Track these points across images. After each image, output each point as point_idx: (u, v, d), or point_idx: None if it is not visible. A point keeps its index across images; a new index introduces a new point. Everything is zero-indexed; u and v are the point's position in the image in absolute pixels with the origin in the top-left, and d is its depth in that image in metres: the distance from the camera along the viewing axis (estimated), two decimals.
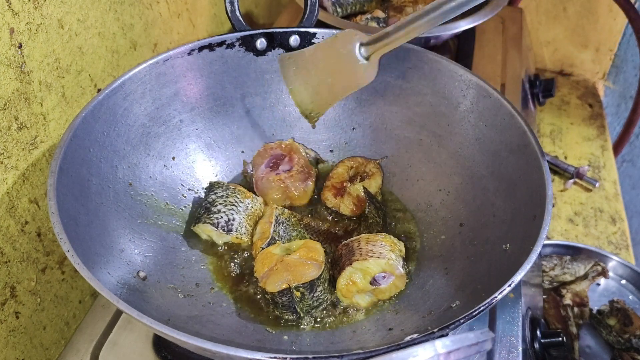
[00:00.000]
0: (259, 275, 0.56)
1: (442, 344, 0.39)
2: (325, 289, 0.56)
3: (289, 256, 0.56)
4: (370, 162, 0.71)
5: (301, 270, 0.54)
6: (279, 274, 0.54)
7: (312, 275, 0.54)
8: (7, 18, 0.53)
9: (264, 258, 0.57)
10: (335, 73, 0.65)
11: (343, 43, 0.64)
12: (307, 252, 0.56)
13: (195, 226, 0.62)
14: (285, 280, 0.53)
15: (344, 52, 0.64)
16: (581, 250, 0.91)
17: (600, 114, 1.31)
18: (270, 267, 0.55)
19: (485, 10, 0.93)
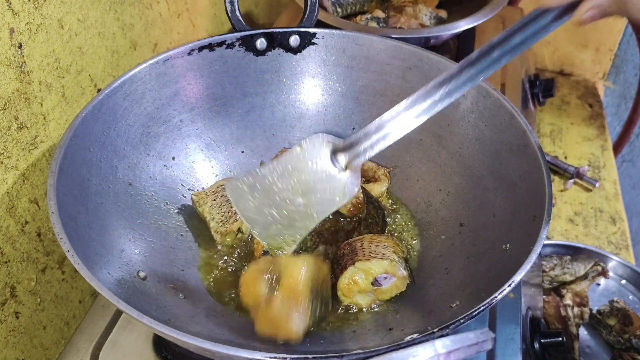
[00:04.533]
0: (247, 304, 0.53)
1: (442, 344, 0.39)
2: (318, 316, 0.54)
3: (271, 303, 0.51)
4: (381, 169, 0.71)
5: (286, 327, 0.50)
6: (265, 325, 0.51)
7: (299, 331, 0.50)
8: (7, 18, 0.53)
9: (250, 283, 0.53)
10: (308, 191, 0.53)
11: (311, 153, 0.53)
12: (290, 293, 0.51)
13: None
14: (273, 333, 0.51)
15: (315, 164, 0.53)
16: (581, 250, 0.91)
17: (600, 114, 1.31)
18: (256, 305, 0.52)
19: (485, 10, 0.93)
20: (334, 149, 0.53)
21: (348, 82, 0.74)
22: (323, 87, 0.74)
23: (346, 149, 0.52)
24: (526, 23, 0.48)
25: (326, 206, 0.53)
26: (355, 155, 0.52)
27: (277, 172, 0.54)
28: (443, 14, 1.02)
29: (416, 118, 0.50)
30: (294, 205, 0.54)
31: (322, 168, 0.53)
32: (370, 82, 0.73)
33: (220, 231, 0.63)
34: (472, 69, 0.49)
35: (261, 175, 0.54)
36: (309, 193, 0.53)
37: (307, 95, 0.75)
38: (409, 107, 0.50)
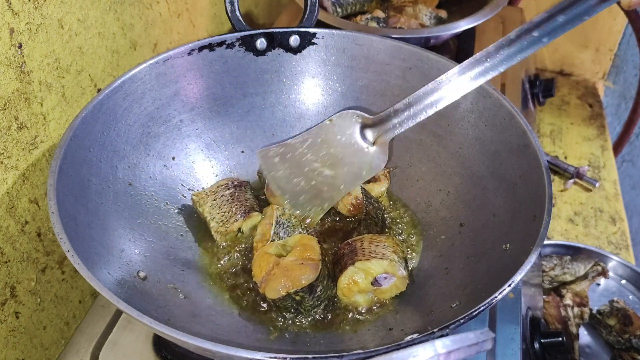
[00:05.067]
0: (258, 279, 0.56)
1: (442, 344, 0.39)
2: (325, 286, 0.56)
3: (285, 258, 0.55)
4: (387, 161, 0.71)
5: (298, 273, 0.53)
6: (277, 280, 0.53)
7: (309, 278, 0.53)
8: (7, 18, 0.53)
9: (261, 260, 0.57)
10: (336, 164, 0.54)
11: (340, 127, 0.55)
12: (302, 251, 0.55)
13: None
14: (283, 287, 0.53)
15: (344, 138, 0.54)
16: (581, 250, 0.91)
17: (600, 114, 1.31)
18: (268, 271, 0.55)
19: (485, 10, 0.93)
20: (363, 124, 0.54)
21: (348, 82, 0.74)
22: (323, 87, 0.74)
23: (375, 125, 0.53)
24: (572, 3, 0.46)
25: (353, 179, 0.54)
26: (384, 131, 0.53)
27: (307, 143, 0.56)
28: (443, 14, 1.02)
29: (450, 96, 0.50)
30: (322, 176, 0.56)
31: (350, 142, 0.54)
32: (370, 82, 0.73)
33: (220, 231, 0.63)
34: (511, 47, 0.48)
35: (292, 145, 0.56)
36: (337, 165, 0.54)
37: (307, 95, 0.75)
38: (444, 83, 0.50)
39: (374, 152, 0.54)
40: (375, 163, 0.54)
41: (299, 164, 0.55)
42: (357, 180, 0.55)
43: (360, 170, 0.54)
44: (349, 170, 0.54)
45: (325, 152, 0.55)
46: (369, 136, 0.54)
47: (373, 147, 0.54)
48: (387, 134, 0.53)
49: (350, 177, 0.55)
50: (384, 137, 0.53)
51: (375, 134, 0.54)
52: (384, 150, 0.54)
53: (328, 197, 0.56)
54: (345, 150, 0.54)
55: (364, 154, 0.54)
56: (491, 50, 0.49)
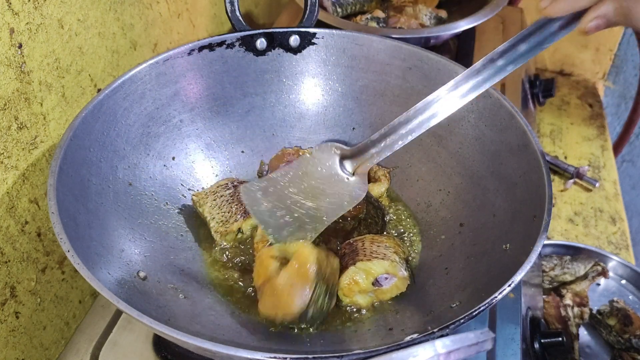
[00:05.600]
0: (256, 285, 0.55)
1: (442, 344, 0.39)
2: (320, 306, 0.54)
3: (279, 275, 0.53)
4: (381, 169, 0.71)
5: (286, 300, 0.52)
6: (268, 300, 0.53)
7: (298, 308, 0.52)
8: (7, 18, 0.53)
9: (260, 266, 0.56)
10: (318, 195, 0.56)
11: (320, 160, 0.56)
12: (296, 271, 0.53)
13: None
14: (272, 309, 0.53)
15: (324, 170, 0.55)
16: (581, 250, 0.91)
17: (600, 114, 1.31)
18: (264, 282, 0.54)
19: (485, 10, 0.93)
20: (342, 156, 0.56)
21: (348, 82, 0.74)
22: (323, 87, 0.74)
23: (354, 156, 0.55)
24: (532, 32, 0.48)
25: (335, 209, 0.56)
26: (362, 162, 0.55)
27: (289, 177, 0.56)
28: (443, 14, 1.02)
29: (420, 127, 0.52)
30: (304, 208, 0.56)
31: (331, 173, 0.56)
32: (370, 82, 0.73)
33: (220, 231, 0.63)
34: (477, 76, 0.50)
35: (274, 179, 0.57)
36: (319, 197, 0.56)
37: (307, 95, 0.75)
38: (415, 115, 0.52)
39: (353, 182, 0.55)
40: (355, 193, 0.55)
41: (281, 197, 0.56)
42: (338, 211, 0.56)
43: (341, 201, 0.55)
44: (330, 201, 0.55)
45: (307, 184, 0.56)
46: (348, 167, 0.56)
47: (353, 177, 0.55)
48: (365, 164, 0.55)
49: (332, 208, 0.56)
50: (362, 168, 0.55)
51: (354, 165, 0.55)
52: (364, 180, 0.55)
53: (311, 228, 0.56)
54: (326, 182, 0.56)
55: (345, 185, 0.55)
56: (460, 79, 0.51)
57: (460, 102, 0.51)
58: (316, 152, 0.57)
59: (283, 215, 0.57)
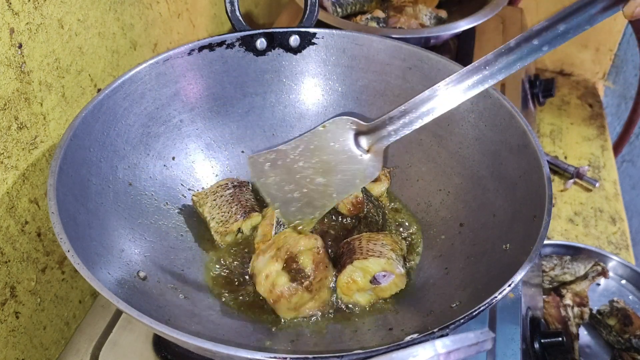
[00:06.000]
0: (262, 293, 0.55)
1: (442, 344, 0.39)
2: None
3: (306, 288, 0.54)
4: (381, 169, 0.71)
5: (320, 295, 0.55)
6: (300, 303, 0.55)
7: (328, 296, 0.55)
8: (7, 18, 0.53)
9: (263, 273, 0.55)
10: (329, 171, 0.53)
11: (334, 134, 0.53)
12: (320, 283, 0.55)
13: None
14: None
15: (337, 145, 0.53)
16: (581, 250, 0.91)
17: (600, 114, 1.31)
18: (277, 294, 0.54)
19: (485, 10, 0.93)
20: (357, 131, 0.52)
21: (348, 82, 0.74)
22: (323, 87, 0.74)
23: (370, 132, 0.52)
24: (573, 11, 0.45)
25: (346, 187, 0.53)
26: (378, 139, 0.52)
27: (300, 150, 0.54)
28: (443, 14, 1.02)
29: (446, 104, 0.49)
30: (314, 184, 0.54)
31: (344, 149, 0.52)
32: (370, 82, 0.73)
33: (220, 231, 0.63)
34: (510, 56, 0.47)
35: (283, 151, 0.54)
36: (330, 173, 0.53)
37: (307, 95, 0.75)
38: (440, 91, 0.49)
39: (367, 160, 0.52)
40: (369, 171, 0.53)
41: (290, 171, 0.54)
42: (350, 189, 0.53)
43: (353, 179, 0.53)
44: (341, 178, 0.53)
45: (318, 159, 0.54)
46: (363, 144, 0.53)
47: (367, 155, 0.52)
48: (381, 141, 0.52)
49: (343, 185, 0.54)
50: (378, 145, 0.52)
51: (369, 142, 0.52)
52: (379, 158, 0.52)
53: (320, 205, 0.55)
54: (338, 158, 0.53)
55: (358, 162, 0.52)
56: (490, 58, 0.49)
57: (487, 83, 0.48)
58: (330, 126, 0.53)
59: (292, 190, 0.55)
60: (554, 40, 0.46)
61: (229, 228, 0.63)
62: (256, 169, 0.55)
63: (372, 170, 0.52)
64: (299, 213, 0.55)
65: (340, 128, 0.53)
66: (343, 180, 0.53)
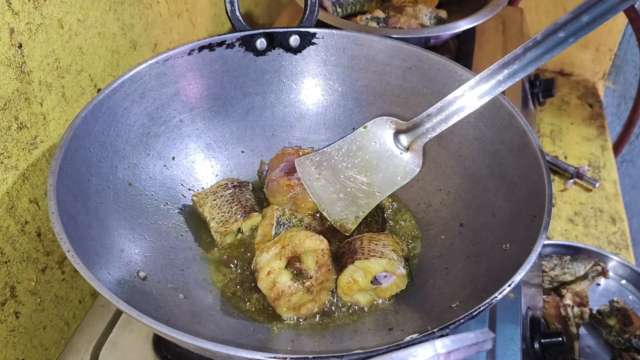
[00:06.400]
0: (263, 290, 0.56)
1: (442, 344, 0.39)
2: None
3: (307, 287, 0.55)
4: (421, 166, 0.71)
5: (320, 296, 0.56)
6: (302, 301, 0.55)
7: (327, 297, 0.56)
8: (7, 18, 0.53)
9: (265, 269, 0.56)
10: (371, 170, 0.56)
11: (375, 134, 0.56)
12: (321, 285, 0.56)
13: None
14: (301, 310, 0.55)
15: (378, 145, 0.55)
16: (581, 250, 0.91)
17: (600, 114, 1.31)
18: (278, 291, 0.55)
19: (485, 10, 0.93)
20: (396, 130, 0.55)
21: (348, 82, 0.74)
22: (323, 87, 0.74)
23: (409, 130, 0.54)
24: (595, 3, 0.46)
25: (388, 185, 0.55)
26: (417, 136, 0.54)
27: (343, 151, 0.57)
28: (443, 14, 1.02)
29: (479, 99, 0.51)
30: (358, 183, 0.56)
31: (385, 148, 0.55)
32: (370, 82, 0.73)
33: (220, 231, 0.63)
34: (537, 49, 0.49)
35: (328, 153, 0.57)
36: (372, 172, 0.55)
37: (307, 95, 0.75)
38: (474, 87, 0.51)
39: (408, 158, 0.55)
40: (410, 168, 0.55)
41: (335, 171, 0.57)
42: (392, 186, 0.55)
43: (395, 176, 0.55)
44: (384, 176, 0.55)
45: (361, 159, 0.56)
46: (403, 142, 0.55)
47: (407, 153, 0.55)
48: (420, 138, 0.54)
49: (385, 183, 0.56)
50: (417, 142, 0.54)
51: (409, 140, 0.55)
52: (419, 155, 0.54)
53: (364, 203, 0.57)
54: (380, 157, 0.55)
55: (399, 160, 0.55)
56: (518, 52, 0.50)
57: (518, 76, 0.49)
58: (371, 126, 0.56)
59: (337, 190, 0.57)
60: (579, 31, 0.47)
61: (229, 228, 0.63)
62: (304, 171, 0.57)
63: (412, 167, 0.55)
64: (344, 212, 0.57)
65: (380, 128, 0.56)
66: (385, 178, 0.55)
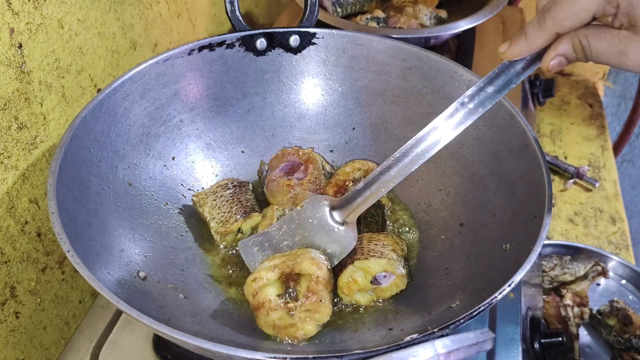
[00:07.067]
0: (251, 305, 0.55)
1: (442, 344, 0.39)
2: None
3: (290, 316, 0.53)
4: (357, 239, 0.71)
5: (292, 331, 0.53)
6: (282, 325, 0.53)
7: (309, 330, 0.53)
8: (7, 18, 0.53)
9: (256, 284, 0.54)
10: (312, 246, 0.58)
11: (311, 212, 0.58)
12: (307, 312, 0.53)
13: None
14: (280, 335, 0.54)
15: (315, 221, 0.58)
16: (581, 250, 0.91)
17: (600, 114, 1.31)
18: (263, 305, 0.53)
19: (485, 10, 0.93)
20: (330, 207, 0.58)
21: (348, 82, 0.74)
22: (323, 87, 0.74)
23: (342, 206, 0.57)
24: (497, 74, 0.50)
25: (329, 260, 0.57)
26: (350, 211, 0.57)
27: (283, 230, 0.59)
28: (443, 14, 1.02)
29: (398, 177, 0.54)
30: None
31: (321, 224, 0.58)
32: (370, 82, 0.73)
33: (220, 231, 0.63)
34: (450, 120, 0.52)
35: (269, 234, 0.59)
36: (313, 248, 0.58)
37: (307, 95, 0.75)
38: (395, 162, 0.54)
39: (343, 232, 0.57)
40: (347, 241, 0.57)
41: (277, 250, 0.59)
42: (333, 260, 0.58)
43: (334, 251, 0.58)
44: (324, 251, 0.58)
45: (300, 236, 0.58)
46: (337, 217, 0.57)
47: (342, 227, 0.57)
48: (353, 213, 0.57)
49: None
50: (351, 217, 0.57)
51: (343, 215, 0.57)
52: (353, 229, 0.57)
53: None
54: (318, 233, 0.58)
55: (335, 235, 0.57)
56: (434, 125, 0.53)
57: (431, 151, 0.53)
58: (307, 205, 0.59)
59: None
60: (486, 101, 0.51)
61: (229, 228, 0.63)
62: (247, 253, 0.60)
63: (349, 241, 0.57)
64: None
65: (315, 206, 0.58)
66: (325, 253, 0.57)
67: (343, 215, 0.57)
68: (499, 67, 0.50)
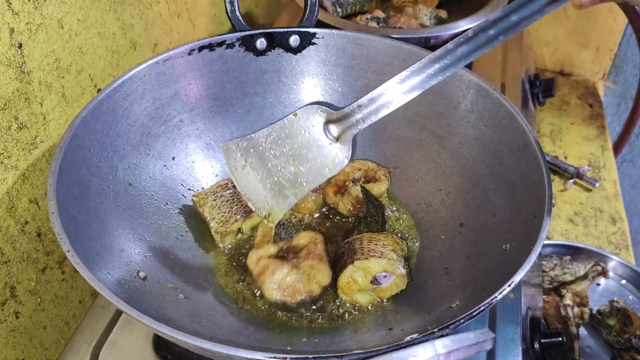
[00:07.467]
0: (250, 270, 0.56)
1: (442, 344, 0.39)
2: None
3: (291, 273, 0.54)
4: (381, 170, 0.71)
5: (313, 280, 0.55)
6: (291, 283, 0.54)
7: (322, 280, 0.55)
8: (7, 18, 0.53)
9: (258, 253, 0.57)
10: (300, 160, 0.54)
11: (305, 122, 0.54)
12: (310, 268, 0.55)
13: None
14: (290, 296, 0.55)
15: (308, 133, 0.54)
16: (581, 250, 0.91)
17: (600, 114, 1.31)
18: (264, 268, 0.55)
19: (485, 10, 0.93)
20: (327, 120, 0.54)
21: (348, 82, 0.74)
22: (323, 87, 0.74)
23: (339, 120, 0.53)
24: (524, 3, 0.48)
25: (316, 176, 0.54)
26: (347, 127, 0.53)
27: (272, 138, 0.55)
28: (443, 14, 1.02)
29: (409, 92, 0.51)
30: (285, 172, 0.55)
31: (314, 138, 0.54)
32: (370, 82, 0.73)
33: (220, 231, 0.63)
34: (469, 45, 0.50)
35: (256, 139, 0.55)
36: (300, 162, 0.54)
37: (307, 95, 0.75)
38: (403, 80, 0.51)
39: (337, 149, 0.53)
40: (338, 159, 0.53)
41: (262, 159, 0.55)
42: (320, 178, 0.54)
43: (323, 167, 0.54)
44: (312, 166, 0.54)
45: (289, 147, 0.55)
46: (333, 132, 0.54)
47: (336, 144, 0.54)
48: (350, 129, 0.53)
49: (313, 174, 0.55)
50: (347, 133, 0.53)
51: (339, 130, 0.54)
52: (348, 146, 0.54)
53: (291, 194, 0.55)
54: (309, 146, 0.54)
55: (328, 150, 0.53)
56: (450, 47, 0.51)
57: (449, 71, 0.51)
58: (301, 114, 0.55)
59: (263, 179, 0.56)
60: (509, 30, 0.49)
61: (229, 228, 0.63)
62: (229, 156, 0.56)
63: (341, 159, 0.53)
64: (270, 202, 0.56)
65: (311, 116, 0.54)
66: (314, 168, 0.54)
67: (339, 130, 0.53)
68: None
